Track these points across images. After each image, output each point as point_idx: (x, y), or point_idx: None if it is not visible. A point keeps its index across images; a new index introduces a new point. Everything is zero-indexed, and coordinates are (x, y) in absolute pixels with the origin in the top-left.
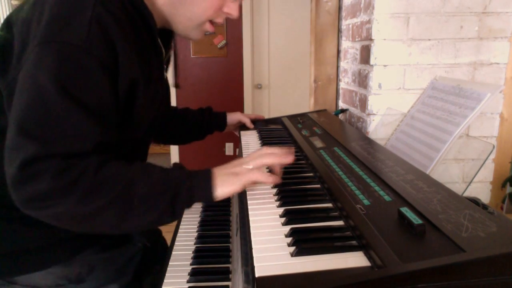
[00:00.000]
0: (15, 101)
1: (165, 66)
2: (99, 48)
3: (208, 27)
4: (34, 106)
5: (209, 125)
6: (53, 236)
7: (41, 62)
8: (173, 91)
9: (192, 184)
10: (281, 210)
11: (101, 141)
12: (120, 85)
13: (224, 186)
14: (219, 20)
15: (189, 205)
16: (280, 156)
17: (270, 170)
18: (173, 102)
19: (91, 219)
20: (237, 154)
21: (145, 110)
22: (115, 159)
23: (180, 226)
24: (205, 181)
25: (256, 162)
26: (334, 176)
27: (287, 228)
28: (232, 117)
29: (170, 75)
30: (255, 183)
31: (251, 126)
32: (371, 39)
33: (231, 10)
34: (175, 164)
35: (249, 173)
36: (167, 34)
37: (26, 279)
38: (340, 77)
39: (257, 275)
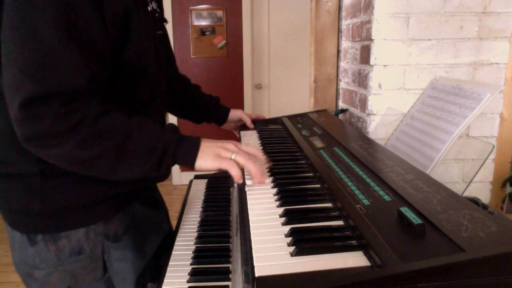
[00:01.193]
0: (8, 38)
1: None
2: None
3: None
4: (30, 45)
5: (210, 114)
6: (95, 195)
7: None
8: None
9: (178, 149)
10: (281, 210)
11: (94, 77)
12: (112, 15)
13: (203, 160)
14: None
15: (172, 165)
16: (258, 172)
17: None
18: None
19: (86, 164)
20: None
21: (142, 43)
22: (114, 110)
23: (180, 226)
24: (190, 151)
25: (240, 159)
26: (334, 176)
27: (287, 228)
28: (234, 114)
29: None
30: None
31: (251, 126)
32: (371, 39)
33: None
34: (169, 124)
35: (228, 162)
36: None
37: (71, 235)
38: (340, 77)
39: (257, 275)
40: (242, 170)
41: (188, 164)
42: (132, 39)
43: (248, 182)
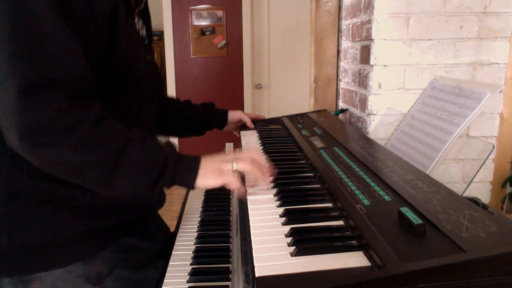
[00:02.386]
0: None
1: (144, 24)
2: None
3: None
4: (23, 27)
5: (210, 122)
6: (74, 229)
7: None
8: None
9: (177, 169)
10: (281, 210)
11: (87, 69)
12: (102, 15)
13: (205, 178)
14: None
15: (168, 187)
16: (264, 172)
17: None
18: None
19: (80, 171)
20: None
21: (129, 50)
22: (115, 120)
23: (180, 226)
24: (190, 170)
25: (241, 165)
26: (334, 176)
27: (287, 228)
28: (233, 115)
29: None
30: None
31: (252, 125)
32: (371, 39)
33: None
34: (167, 142)
35: (230, 177)
36: None
37: (44, 277)
38: (340, 77)
39: (257, 275)
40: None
41: (188, 183)
42: (119, 44)
43: (249, 189)
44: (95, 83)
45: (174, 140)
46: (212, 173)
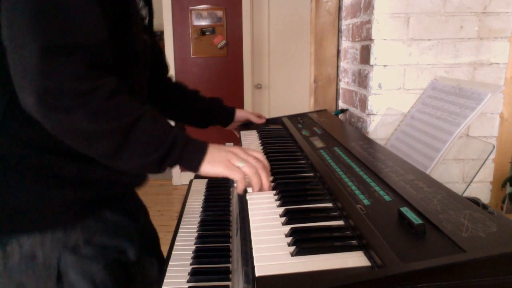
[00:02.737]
0: None
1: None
2: None
3: None
4: None
5: (214, 118)
6: (56, 199)
7: None
8: None
9: (186, 150)
10: (281, 210)
11: (106, 37)
12: None
13: (211, 164)
14: None
15: (173, 166)
16: (264, 185)
17: None
18: None
19: (90, 139)
20: None
21: (134, 32)
22: (130, 94)
23: (180, 226)
24: (198, 153)
25: (248, 171)
26: (334, 176)
27: (287, 228)
28: (240, 114)
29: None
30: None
31: (260, 121)
32: (371, 39)
33: None
34: (178, 124)
35: (236, 172)
36: None
37: (22, 239)
38: (340, 77)
39: (257, 274)
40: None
41: (193, 166)
42: (128, 21)
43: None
44: (111, 53)
45: None
46: (219, 162)
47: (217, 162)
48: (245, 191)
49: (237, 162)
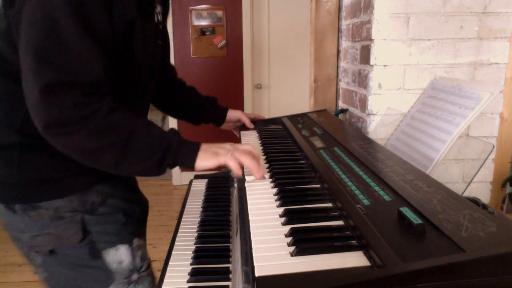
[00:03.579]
0: (26, 30)
1: (161, 9)
2: None
3: None
4: (48, 34)
5: (206, 116)
6: (73, 168)
7: None
8: None
9: (180, 151)
10: (281, 210)
11: (106, 71)
12: (121, 22)
13: (203, 160)
14: None
15: (172, 167)
16: (255, 166)
17: None
18: None
19: (94, 155)
20: None
21: (143, 48)
22: (123, 109)
23: (180, 226)
24: (191, 152)
25: (236, 156)
26: (334, 176)
27: (287, 228)
28: (232, 114)
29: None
30: (226, 166)
31: (251, 126)
32: (371, 39)
33: None
34: (171, 129)
35: (226, 157)
36: None
37: (48, 205)
38: (340, 77)
39: (257, 274)
40: (242, 167)
41: (188, 163)
42: (133, 49)
43: (248, 178)
44: (108, 83)
45: None
46: (210, 155)
47: (209, 156)
48: (244, 184)
49: (225, 152)
